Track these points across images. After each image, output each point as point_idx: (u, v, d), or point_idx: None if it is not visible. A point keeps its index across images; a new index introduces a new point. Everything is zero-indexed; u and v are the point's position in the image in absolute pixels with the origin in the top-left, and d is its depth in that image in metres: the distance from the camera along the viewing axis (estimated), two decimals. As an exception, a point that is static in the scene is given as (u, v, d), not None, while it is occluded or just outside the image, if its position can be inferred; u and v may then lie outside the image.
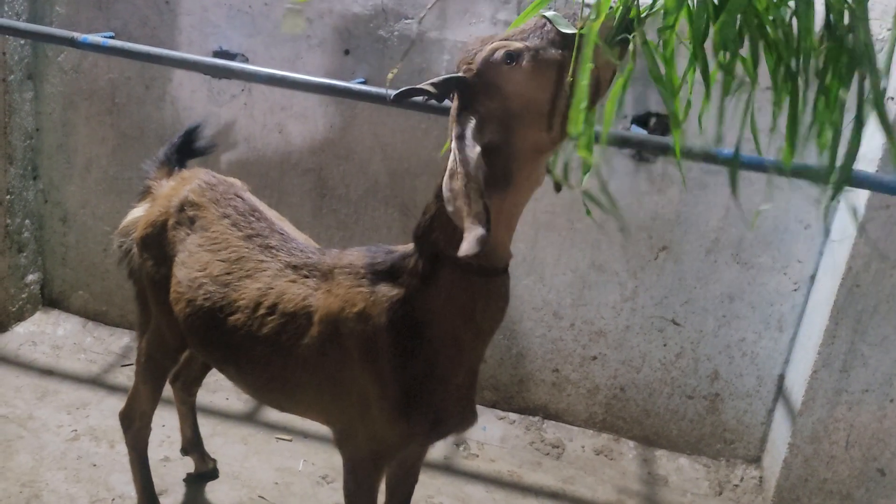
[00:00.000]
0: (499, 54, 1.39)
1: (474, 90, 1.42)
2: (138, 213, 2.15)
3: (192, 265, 1.88)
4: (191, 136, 2.23)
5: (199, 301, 1.84)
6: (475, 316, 1.58)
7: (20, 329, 3.40)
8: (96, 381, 3.12)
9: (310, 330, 1.71)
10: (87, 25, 3.06)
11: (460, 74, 1.44)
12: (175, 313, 1.92)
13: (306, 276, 1.76)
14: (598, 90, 1.38)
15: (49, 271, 3.52)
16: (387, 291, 1.61)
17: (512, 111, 1.41)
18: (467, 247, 1.31)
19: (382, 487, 1.94)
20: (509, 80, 1.39)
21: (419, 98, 1.56)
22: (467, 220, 1.34)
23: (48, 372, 3.15)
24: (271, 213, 2.01)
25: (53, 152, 3.33)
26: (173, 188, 2.07)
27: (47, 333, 3.42)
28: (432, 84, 1.44)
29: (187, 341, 2.00)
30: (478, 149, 1.37)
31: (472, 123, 1.40)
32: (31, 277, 3.44)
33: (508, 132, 1.42)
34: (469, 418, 1.77)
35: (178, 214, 1.98)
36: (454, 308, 1.56)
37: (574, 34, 1.33)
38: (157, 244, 2.01)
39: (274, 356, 1.76)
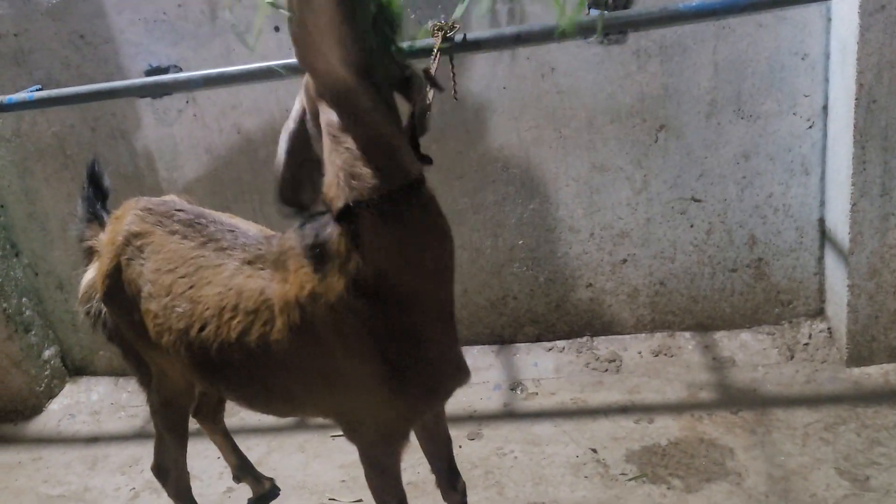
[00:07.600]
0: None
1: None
2: (91, 275, 2.06)
3: (159, 293, 1.79)
4: (94, 177, 2.11)
5: (174, 325, 1.75)
6: (413, 252, 1.45)
7: (54, 406, 3.34)
8: (142, 435, 3.05)
9: (275, 324, 1.60)
10: (12, 85, 2.91)
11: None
12: (163, 348, 1.82)
13: (261, 269, 1.66)
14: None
15: (64, 341, 3.45)
16: (326, 265, 1.49)
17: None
18: None
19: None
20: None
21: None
22: None
23: (93, 439, 3.09)
24: (219, 215, 1.89)
25: (25, 224, 3.23)
26: (111, 231, 1.97)
27: (82, 402, 3.35)
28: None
29: (185, 371, 1.90)
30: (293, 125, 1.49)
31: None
32: (48, 353, 3.37)
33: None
34: (462, 371, 1.67)
35: (126, 250, 1.88)
36: (389, 252, 1.43)
37: None
38: (120, 291, 1.92)
39: (251, 359, 1.66)
